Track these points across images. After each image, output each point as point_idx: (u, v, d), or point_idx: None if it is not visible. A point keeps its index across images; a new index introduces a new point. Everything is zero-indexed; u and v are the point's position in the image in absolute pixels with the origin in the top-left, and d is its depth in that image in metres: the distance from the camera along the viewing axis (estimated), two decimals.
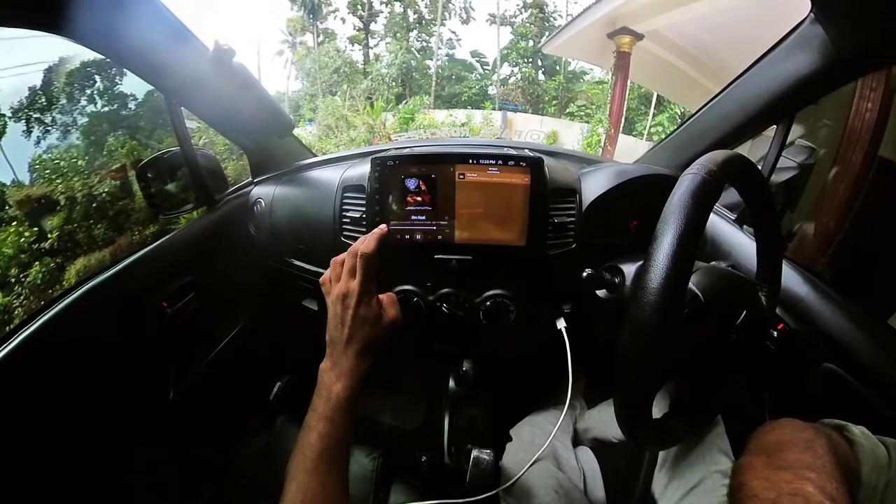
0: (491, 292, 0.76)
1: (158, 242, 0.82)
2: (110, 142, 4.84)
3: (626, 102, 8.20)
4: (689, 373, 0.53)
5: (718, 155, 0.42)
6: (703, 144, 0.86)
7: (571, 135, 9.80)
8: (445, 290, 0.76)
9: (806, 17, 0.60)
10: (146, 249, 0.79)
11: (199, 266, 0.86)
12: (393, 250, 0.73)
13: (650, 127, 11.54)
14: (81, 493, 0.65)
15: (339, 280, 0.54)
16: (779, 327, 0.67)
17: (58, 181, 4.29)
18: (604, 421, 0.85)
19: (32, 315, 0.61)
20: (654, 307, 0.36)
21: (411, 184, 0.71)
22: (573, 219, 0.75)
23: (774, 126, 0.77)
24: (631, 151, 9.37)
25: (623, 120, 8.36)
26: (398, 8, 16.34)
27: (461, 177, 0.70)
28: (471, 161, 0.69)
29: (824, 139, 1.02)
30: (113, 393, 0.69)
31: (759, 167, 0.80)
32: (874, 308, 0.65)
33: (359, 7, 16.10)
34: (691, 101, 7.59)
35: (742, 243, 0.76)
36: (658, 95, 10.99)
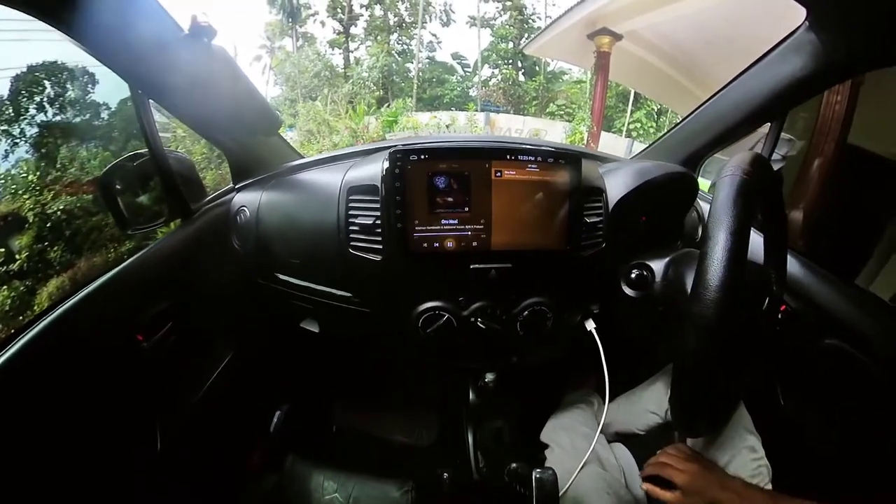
0: (529, 301, 0.71)
1: (125, 264, 0.70)
2: (82, 154, 4.63)
3: (605, 100, 8.39)
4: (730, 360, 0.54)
5: (746, 155, 0.43)
6: (702, 141, 0.88)
7: (554, 133, 9.93)
8: (480, 303, 0.70)
9: (801, 25, 0.62)
10: (112, 273, 0.67)
11: (176, 289, 0.76)
12: (421, 262, 0.66)
13: (629, 123, 11.83)
14: None
15: None
16: (782, 308, 0.70)
17: (25, 197, 4.07)
18: (625, 414, 0.86)
19: None
20: (718, 304, 0.37)
21: (441, 182, 0.62)
22: (601, 218, 0.72)
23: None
24: (611, 148, 9.61)
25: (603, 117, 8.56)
26: (378, 11, 16.28)
27: (498, 174, 0.63)
28: (508, 157, 0.62)
29: (801, 131, 1.07)
30: (87, 452, 0.59)
31: None
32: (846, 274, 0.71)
33: (338, 10, 15.95)
34: (668, 98, 7.83)
35: None
36: (635, 93, 11.28)
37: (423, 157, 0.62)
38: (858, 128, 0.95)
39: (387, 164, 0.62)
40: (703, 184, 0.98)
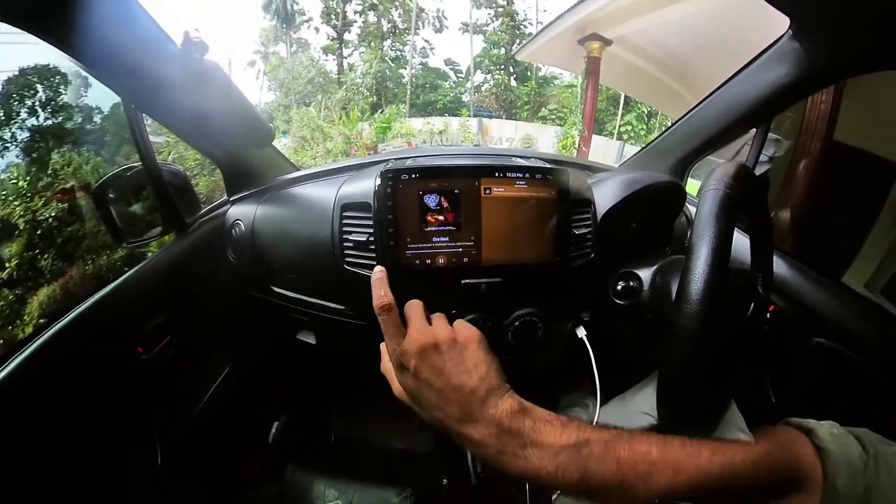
0: (520, 312, 0.73)
1: (123, 278, 0.71)
2: (75, 159, 4.55)
3: (596, 104, 8.51)
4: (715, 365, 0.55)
5: (729, 167, 0.44)
6: (690, 147, 0.91)
7: (546, 138, 10.04)
8: (472, 316, 0.70)
9: (784, 33, 0.64)
10: (110, 287, 0.68)
11: (174, 303, 0.76)
12: (413, 278, 0.67)
13: (619, 126, 12.02)
14: None
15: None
16: (770, 309, 0.72)
17: (15, 203, 4.00)
18: (620, 416, 0.87)
19: None
20: (700, 316, 0.38)
21: (431, 200, 0.63)
22: (590, 229, 0.74)
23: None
24: (603, 150, 9.73)
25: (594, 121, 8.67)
26: (372, 17, 16.41)
27: (487, 191, 0.64)
28: (497, 174, 0.64)
29: (787, 131, 1.09)
30: (90, 466, 0.59)
31: None
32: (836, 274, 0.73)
33: (332, 16, 16.05)
34: (658, 100, 7.97)
35: None
36: (626, 96, 11.46)
37: (413, 175, 0.63)
38: (844, 125, 0.96)
39: (378, 182, 0.64)
40: (694, 185, 1.00)
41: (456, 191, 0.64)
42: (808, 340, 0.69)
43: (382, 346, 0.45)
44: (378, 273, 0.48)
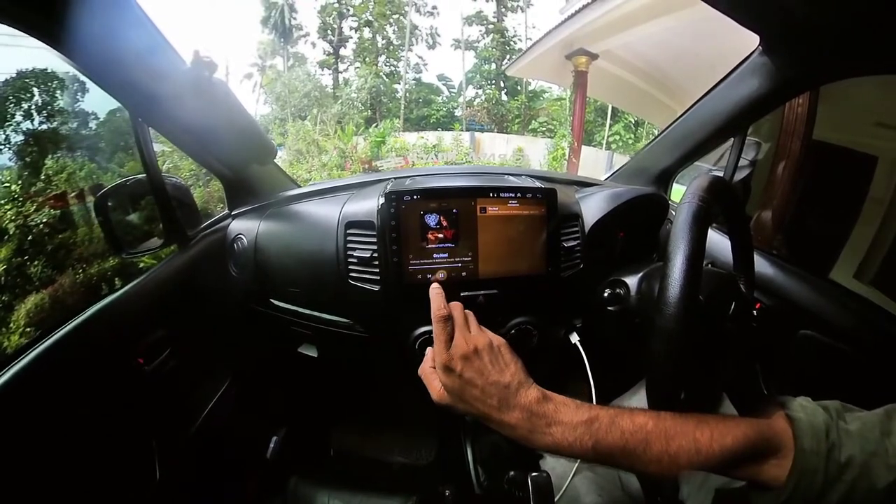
0: (515, 320, 0.77)
1: (125, 289, 0.71)
2: (69, 164, 4.48)
3: (584, 116, 8.70)
4: (699, 362, 0.58)
5: (703, 181, 0.48)
6: (672, 158, 0.95)
7: (537, 150, 10.21)
8: None
9: (755, 49, 0.69)
10: (110, 298, 0.67)
11: (175, 316, 0.76)
12: (415, 292, 0.70)
13: (608, 136, 12.27)
14: None
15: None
16: (757, 306, 0.75)
17: (6, 207, 3.92)
18: None
19: None
20: (677, 317, 0.42)
21: (432, 220, 0.68)
22: (578, 241, 0.78)
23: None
24: (592, 160, 9.91)
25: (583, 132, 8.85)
26: (367, 34, 16.77)
27: (482, 211, 0.69)
28: (491, 194, 0.70)
29: (766, 134, 1.13)
30: (85, 481, 0.58)
31: (722, 172, 0.92)
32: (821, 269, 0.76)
33: (329, 32, 16.39)
34: (644, 110, 8.19)
35: (714, 240, 0.83)
36: (613, 107, 11.75)
37: (415, 196, 0.68)
38: (823, 123, 0.98)
39: (382, 202, 0.68)
40: (679, 191, 1.04)
41: (454, 210, 0.69)
42: (795, 333, 0.72)
43: (428, 350, 0.51)
44: (436, 288, 0.54)
